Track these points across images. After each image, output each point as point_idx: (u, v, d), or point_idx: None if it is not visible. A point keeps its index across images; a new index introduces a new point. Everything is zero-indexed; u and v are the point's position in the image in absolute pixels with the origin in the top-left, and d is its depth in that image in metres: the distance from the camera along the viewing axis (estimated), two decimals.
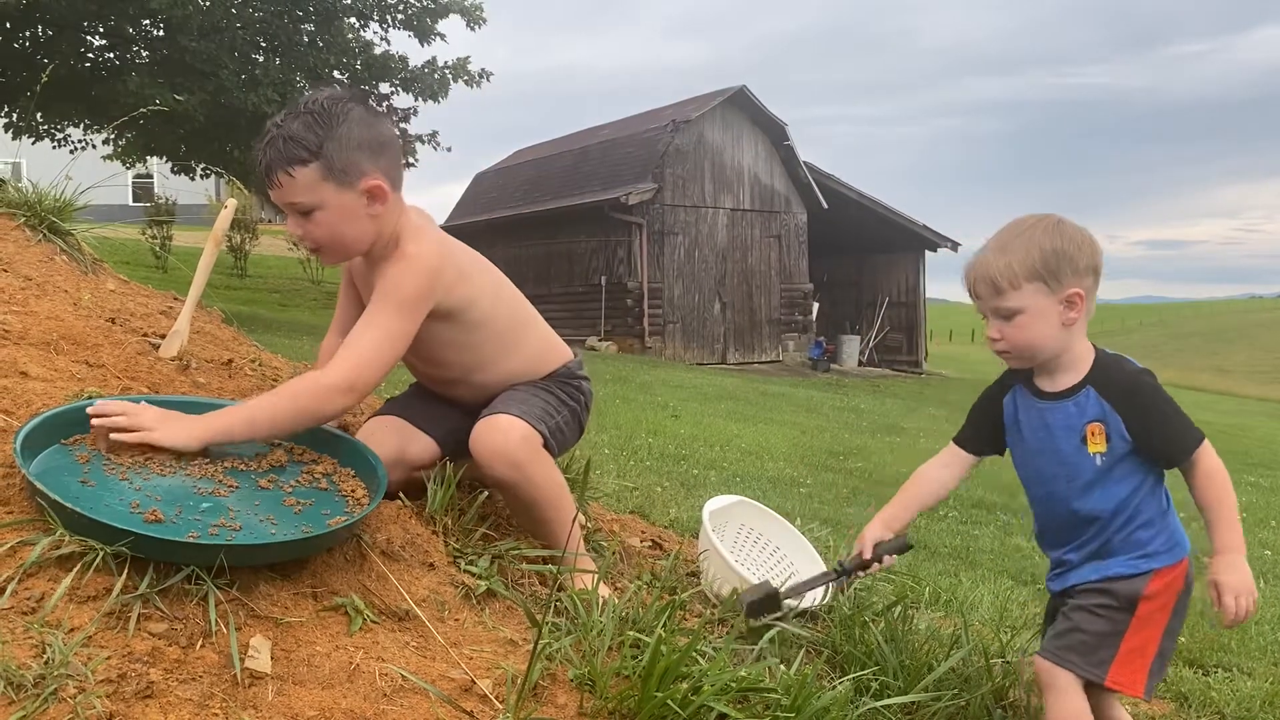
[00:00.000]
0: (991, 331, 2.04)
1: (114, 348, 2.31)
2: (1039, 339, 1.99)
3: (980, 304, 2.03)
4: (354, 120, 1.98)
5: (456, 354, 2.22)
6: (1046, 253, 1.94)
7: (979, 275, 2.00)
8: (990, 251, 2.00)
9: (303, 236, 2.03)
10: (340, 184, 1.97)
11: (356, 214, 2.02)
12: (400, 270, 2.04)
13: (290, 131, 1.94)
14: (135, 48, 16.35)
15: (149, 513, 1.58)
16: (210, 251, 2.47)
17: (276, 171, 1.96)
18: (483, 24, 17.37)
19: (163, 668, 1.39)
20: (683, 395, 13.29)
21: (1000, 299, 1.98)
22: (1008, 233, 2.00)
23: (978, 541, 6.29)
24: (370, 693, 1.51)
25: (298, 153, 1.94)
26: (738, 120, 22.94)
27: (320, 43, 16.38)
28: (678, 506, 4.97)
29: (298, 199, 1.98)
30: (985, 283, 1.99)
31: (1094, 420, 2.01)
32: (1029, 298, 1.96)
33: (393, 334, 2.00)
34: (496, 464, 2.06)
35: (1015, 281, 1.95)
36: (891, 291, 27.12)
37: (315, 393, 1.92)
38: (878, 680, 2.15)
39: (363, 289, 2.26)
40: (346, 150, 1.97)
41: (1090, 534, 2.07)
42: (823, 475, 8.18)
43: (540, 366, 2.34)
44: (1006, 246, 1.97)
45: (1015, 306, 1.97)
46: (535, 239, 23.56)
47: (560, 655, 1.75)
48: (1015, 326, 1.99)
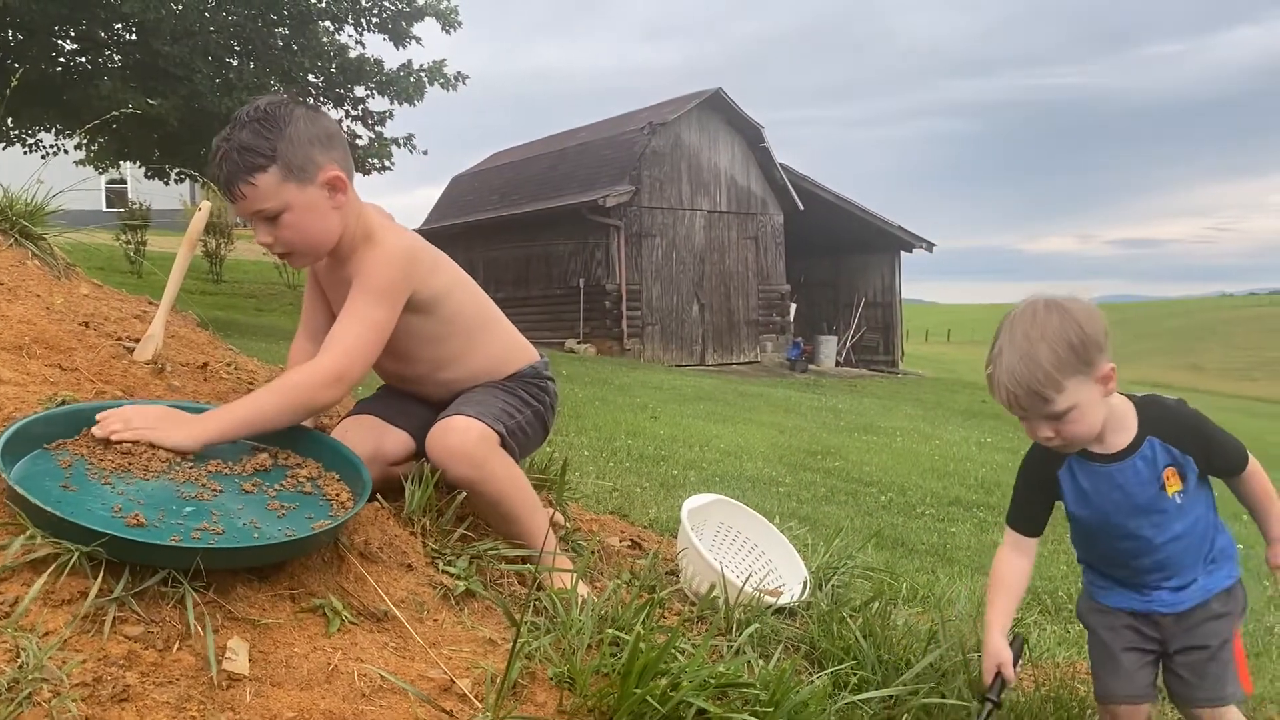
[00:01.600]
0: (1044, 431, 2.00)
1: (88, 351, 2.30)
2: (1093, 425, 2.00)
3: (1025, 413, 1.99)
4: (299, 118, 2.01)
5: (425, 348, 2.22)
6: (1074, 344, 1.92)
7: (1018, 390, 1.95)
8: (1017, 362, 1.94)
9: (273, 243, 2.05)
10: (301, 182, 2.00)
11: (321, 209, 2.04)
12: (376, 259, 2.06)
13: (241, 142, 1.96)
14: (108, 52, 16.21)
15: (131, 516, 1.57)
16: (185, 254, 2.45)
17: (237, 184, 1.97)
18: (458, 27, 17.34)
19: (139, 671, 1.39)
20: (661, 397, 13.31)
21: (1049, 406, 1.95)
22: (1021, 336, 1.96)
23: (955, 539, 6.34)
24: (349, 693, 1.51)
25: (254, 160, 1.96)
26: (714, 122, 23.00)
27: (295, 46, 16.30)
28: (657, 506, 4.98)
29: (263, 205, 1.99)
30: (1030, 396, 1.95)
31: (1168, 466, 2.05)
32: (1075, 393, 1.94)
33: (375, 322, 2.03)
34: (452, 464, 2.07)
35: (1059, 385, 1.92)
36: (868, 292, 27.27)
37: (306, 386, 1.95)
38: (856, 675, 2.17)
39: (329, 290, 2.27)
40: (300, 147, 1.99)
41: (1188, 556, 2.11)
42: (801, 474, 8.21)
43: (505, 365, 2.35)
44: (1032, 355, 1.93)
45: (1065, 405, 1.95)
46: (513, 242, 23.53)
47: (539, 654, 1.75)
48: (1070, 423, 1.97)
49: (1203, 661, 2.09)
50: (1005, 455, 11.15)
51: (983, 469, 9.74)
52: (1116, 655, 2.16)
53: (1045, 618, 4.42)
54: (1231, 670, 2.10)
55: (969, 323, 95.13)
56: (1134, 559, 2.13)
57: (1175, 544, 2.09)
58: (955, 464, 10.01)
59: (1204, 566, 2.12)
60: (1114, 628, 2.18)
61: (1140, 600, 2.15)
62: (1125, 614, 2.17)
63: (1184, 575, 2.11)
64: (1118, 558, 2.16)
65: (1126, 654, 2.15)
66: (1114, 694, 2.16)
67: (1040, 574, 5.50)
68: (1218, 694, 2.08)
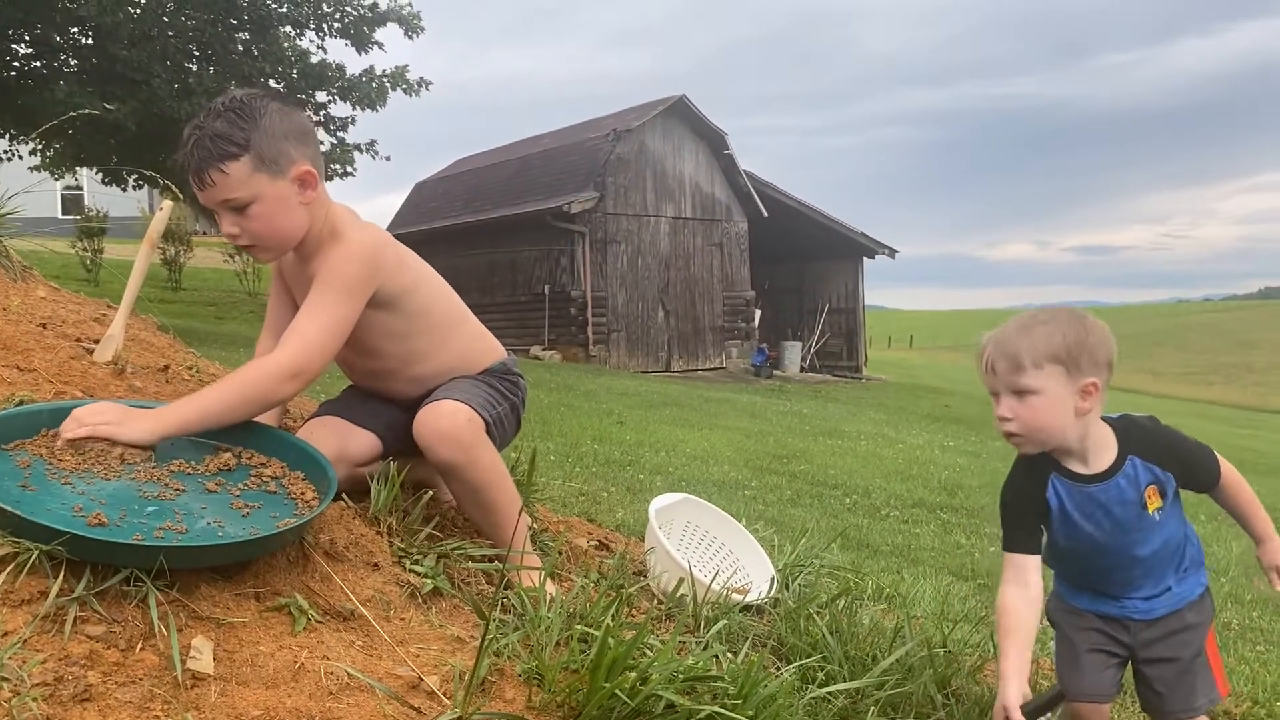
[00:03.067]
0: (1003, 410, 2.02)
1: (46, 352, 2.26)
2: (1050, 423, 2.00)
3: (994, 380, 2.02)
4: (274, 112, 2.00)
5: (394, 344, 2.21)
6: (1070, 341, 1.96)
7: (999, 350, 2.00)
8: (1012, 330, 2.01)
9: (239, 234, 2.02)
10: (272, 174, 1.98)
11: (290, 203, 2.03)
12: (341, 255, 2.05)
13: (215, 130, 1.94)
14: (63, 56, 15.96)
15: (92, 516, 1.55)
16: (145, 254, 2.42)
17: (207, 171, 1.95)
18: (421, 32, 17.27)
19: (101, 670, 1.37)
20: (627, 402, 13.31)
21: (1019, 375, 1.97)
22: (1031, 317, 2.03)
23: (919, 539, 6.39)
24: (316, 691, 1.50)
25: (227, 149, 1.94)
26: (678, 129, 23.07)
27: (255, 51, 16.14)
28: (624, 510, 4.98)
29: (232, 195, 1.97)
30: (1006, 358, 1.98)
31: (1150, 484, 2.07)
32: (1048, 379, 1.96)
33: (337, 318, 2.01)
34: (442, 446, 2.06)
35: (1038, 361, 1.95)
36: (831, 298, 27.45)
37: (263, 378, 1.93)
38: (823, 670, 2.19)
39: (294, 285, 2.25)
40: (273, 140, 1.98)
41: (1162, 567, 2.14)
42: (767, 478, 8.25)
43: (475, 361, 2.35)
44: (1030, 329, 1.99)
45: (1033, 386, 1.97)
46: (477, 248, 23.44)
47: (508, 650, 1.75)
48: (1029, 406, 1.99)
49: (1175, 674, 2.12)
50: (968, 459, 11.27)
51: (946, 472, 9.83)
52: (1081, 656, 2.17)
53: None
54: (1203, 680, 2.12)
55: (931, 328, 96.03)
56: (1112, 573, 2.15)
57: (1152, 557, 2.11)
58: (919, 467, 10.09)
59: (1176, 575, 2.15)
60: (1082, 629, 2.19)
61: (1114, 606, 2.17)
62: (1095, 616, 2.19)
63: (1158, 584, 2.14)
64: (1095, 574, 2.18)
65: (1092, 655, 2.17)
66: (1078, 692, 2.17)
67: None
68: (1188, 705, 2.11)
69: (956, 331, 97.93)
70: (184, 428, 1.87)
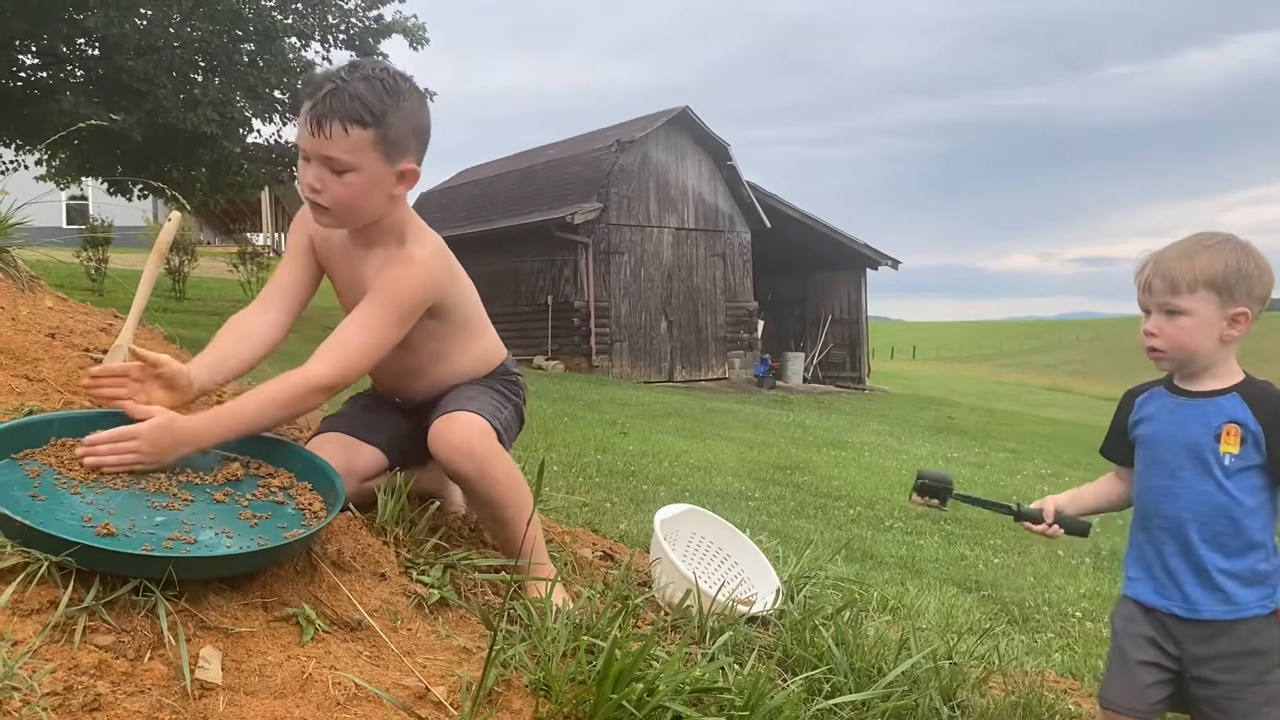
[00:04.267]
0: (1150, 326, 2.05)
1: (54, 362, 2.27)
2: (1195, 345, 2.01)
3: (1148, 298, 2.05)
4: (414, 100, 1.99)
5: (429, 343, 2.22)
6: (1231, 269, 1.97)
7: (1158, 270, 2.02)
8: (1174, 251, 2.02)
9: (321, 190, 1.98)
10: (386, 157, 1.96)
11: (383, 188, 2.01)
12: (407, 277, 2.04)
13: (357, 90, 1.90)
14: (70, 67, 16.03)
15: (101, 526, 1.56)
16: (153, 265, 2.43)
17: (332, 122, 1.90)
18: (425, 44, 17.32)
19: (110, 680, 1.37)
20: (630, 413, 13.31)
21: (1174, 296, 2.00)
22: (1195, 241, 2.04)
23: (923, 551, 6.39)
24: (324, 701, 1.50)
25: (362, 114, 1.91)
26: (681, 140, 23.12)
27: (260, 62, 16.18)
28: (628, 520, 4.98)
29: (341, 155, 1.93)
30: (1163, 278, 2.01)
31: (1232, 421, 2.01)
32: (1200, 303, 1.98)
33: (386, 339, 2.02)
34: (459, 460, 2.06)
35: (1194, 285, 1.97)
36: (834, 309, 27.46)
37: (300, 392, 1.93)
38: (829, 682, 2.18)
39: (338, 261, 2.22)
40: (404, 127, 1.97)
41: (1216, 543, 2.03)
42: (770, 489, 8.24)
43: (488, 361, 2.38)
44: (1193, 253, 2.00)
45: (1185, 308, 1.99)
46: (481, 259, 23.45)
47: (515, 661, 1.75)
48: (1177, 326, 2.01)
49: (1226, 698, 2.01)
50: (971, 470, 11.26)
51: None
52: (1130, 665, 2.11)
53: (1013, 627, 4.46)
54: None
55: (934, 340, 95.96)
56: (1167, 506, 2.07)
57: (1207, 511, 2.02)
58: None
59: (1234, 573, 2.01)
60: (1134, 636, 2.13)
61: (1159, 597, 2.08)
62: (1145, 620, 2.10)
63: (1210, 570, 2.03)
64: (1155, 504, 2.11)
65: (1142, 667, 2.09)
66: (1117, 703, 2.11)
67: (1007, 584, 5.56)
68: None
69: (959, 342, 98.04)
70: (220, 442, 1.90)
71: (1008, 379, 54.02)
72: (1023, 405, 29.12)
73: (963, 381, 43.80)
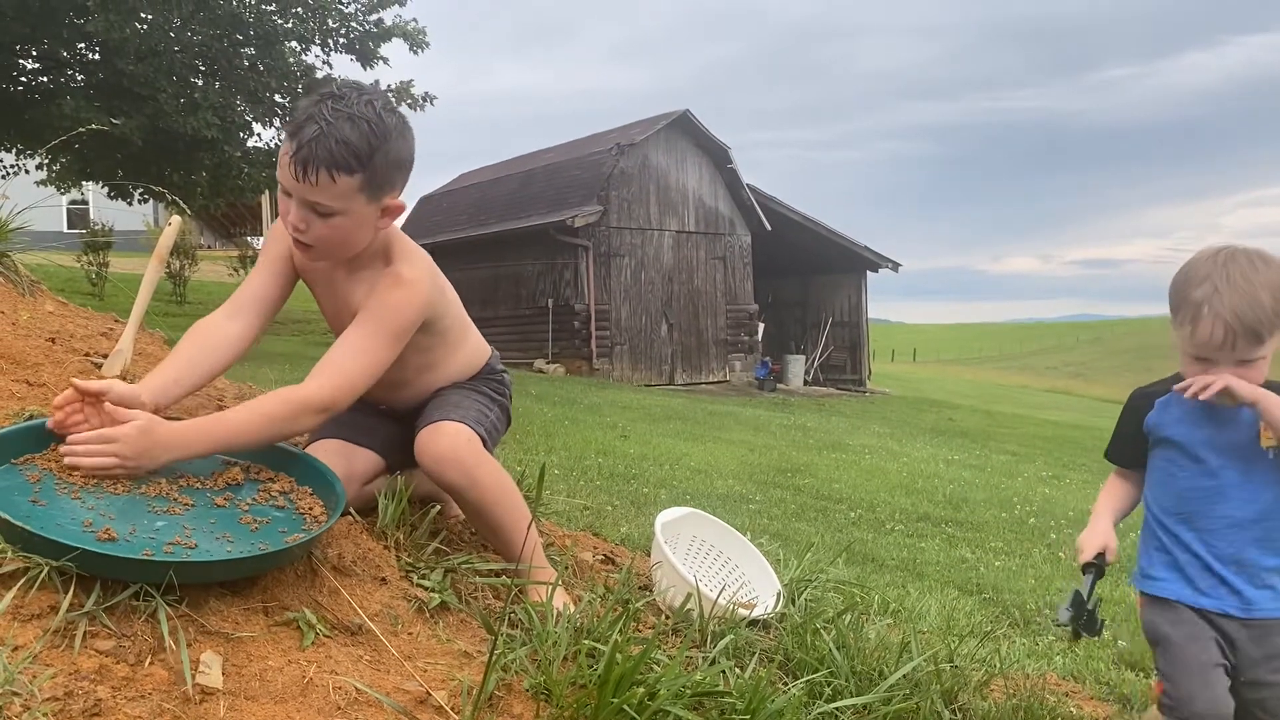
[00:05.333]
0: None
1: (55, 367, 2.27)
2: (1262, 379, 1.98)
3: (1229, 354, 1.95)
4: (396, 133, 1.93)
5: (416, 355, 2.21)
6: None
7: (1239, 327, 1.91)
8: (1243, 301, 1.91)
9: (305, 230, 1.95)
10: (370, 198, 1.94)
11: (368, 225, 1.99)
12: (400, 298, 2.02)
13: (344, 135, 1.85)
14: (70, 71, 16.06)
15: (102, 531, 1.56)
16: (154, 269, 2.44)
17: (319, 170, 1.85)
18: (426, 48, 17.35)
19: (110, 685, 1.37)
20: (631, 416, 13.30)
21: (1258, 348, 1.94)
22: (1241, 278, 1.93)
23: (924, 554, 6.38)
24: (324, 706, 1.50)
25: (348, 161, 1.86)
26: (681, 143, 23.14)
27: (261, 66, 16.22)
28: (629, 524, 4.98)
29: (326, 201, 1.90)
30: (1248, 334, 1.92)
31: None
32: (1273, 344, 1.95)
33: (381, 360, 2.00)
34: (446, 470, 2.05)
35: (1274, 329, 1.93)
36: (835, 312, 27.47)
37: (293, 412, 1.90)
38: (830, 685, 2.18)
39: (321, 280, 2.20)
40: (389, 168, 1.93)
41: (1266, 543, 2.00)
42: (771, 492, 8.24)
43: (473, 365, 2.37)
44: (1256, 297, 1.91)
45: (1265, 354, 1.95)
46: (481, 262, 23.50)
47: (516, 665, 1.75)
48: (1254, 370, 1.96)
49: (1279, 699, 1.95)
50: (972, 472, 11.25)
51: (950, 485, 9.81)
52: (1208, 671, 1.97)
53: (1015, 630, 4.46)
54: None
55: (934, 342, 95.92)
56: (1216, 507, 2.02)
57: (1258, 509, 1.99)
58: (923, 481, 10.08)
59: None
60: (1202, 640, 2.01)
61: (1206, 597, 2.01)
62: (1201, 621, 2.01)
63: (1260, 567, 1.99)
64: (1201, 506, 2.04)
65: (1217, 672, 1.98)
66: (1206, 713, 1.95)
67: (1008, 587, 5.55)
68: None
69: (959, 345, 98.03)
70: (207, 454, 1.86)
71: (1008, 381, 54.02)
72: (1023, 407, 29.12)
73: (963, 384, 43.81)
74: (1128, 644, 4.16)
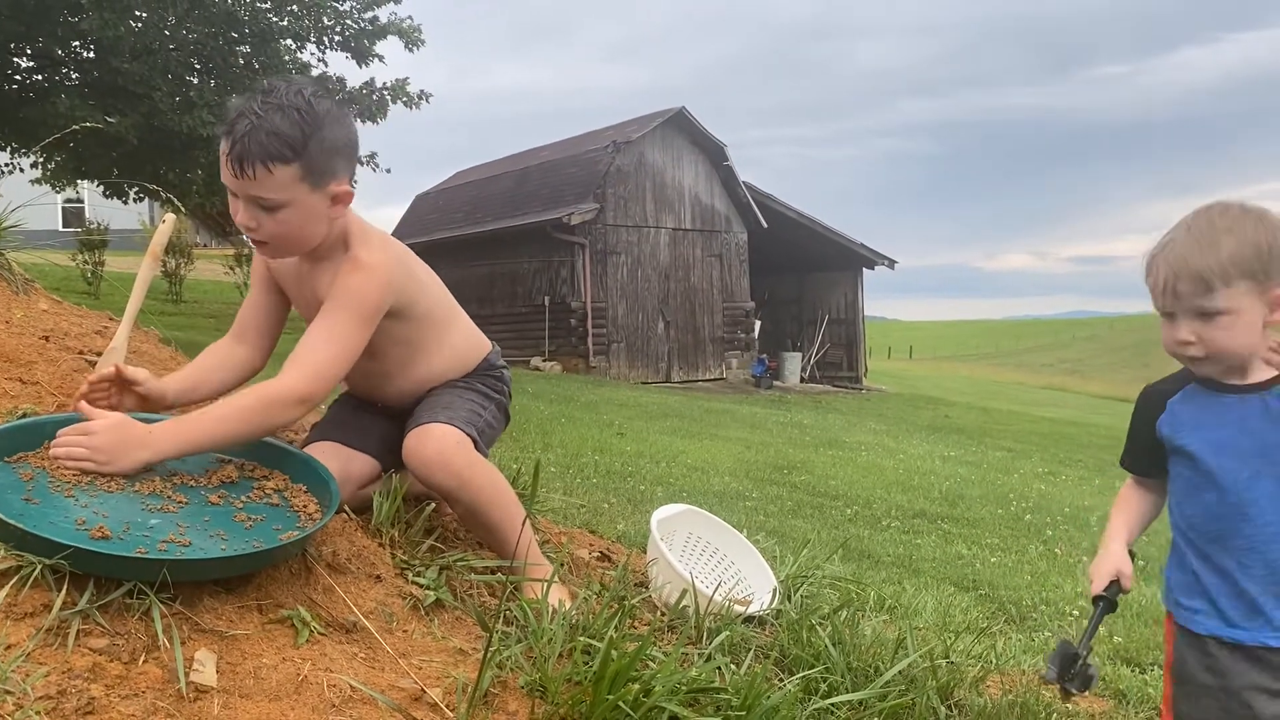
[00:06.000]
0: (1183, 334, 1.77)
1: (49, 365, 2.27)
2: (1241, 342, 1.75)
3: (1175, 303, 1.77)
4: (332, 120, 1.94)
5: (396, 348, 2.20)
6: (1261, 248, 1.71)
7: (1181, 271, 1.74)
8: (1192, 245, 1.74)
9: (256, 229, 1.97)
10: (313, 186, 1.94)
11: (319, 215, 1.99)
12: (360, 281, 2.01)
13: (274, 126, 1.86)
14: (65, 69, 16.02)
15: (95, 529, 1.55)
16: (148, 266, 2.43)
17: (254, 163, 1.87)
18: (421, 45, 17.33)
19: (104, 683, 1.37)
20: (628, 413, 13.30)
21: (1208, 298, 1.73)
22: (1209, 225, 1.76)
23: (920, 550, 6.39)
24: (319, 704, 1.50)
25: (281, 151, 1.87)
26: (677, 141, 23.13)
27: (256, 64, 16.20)
28: (625, 521, 4.98)
29: (268, 195, 1.91)
30: (1192, 280, 1.73)
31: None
32: (1239, 297, 1.72)
33: (353, 343, 1.99)
34: (434, 474, 2.05)
35: (1228, 279, 1.71)
36: (831, 309, 27.48)
37: (272, 403, 1.89)
38: (826, 681, 2.18)
39: (294, 287, 2.22)
40: (326, 153, 1.93)
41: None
42: (768, 489, 8.24)
43: (466, 360, 2.35)
44: (1213, 240, 1.73)
45: (1223, 307, 1.73)
46: (478, 260, 23.47)
47: (511, 662, 1.75)
48: (1218, 328, 1.74)
49: None
50: (968, 469, 11.26)
51: (946, 482, 9.82)
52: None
53: (1010, 626, 4.47)
54: None
55: (930, 339, 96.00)
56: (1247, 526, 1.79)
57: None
58: (919, 478, 10.08)
59: None
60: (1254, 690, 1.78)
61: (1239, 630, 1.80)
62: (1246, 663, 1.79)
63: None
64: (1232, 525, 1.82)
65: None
66: None
67: (1004, 583, 5.56)
68: None
69: (956, 342, 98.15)
70: (181, 454, 1.84)
71: (1004, 378, 54.08)
72: (1019, 404, 29.15)
73: (959, 381, 43.85)
74: (1123, 639, 4.17)
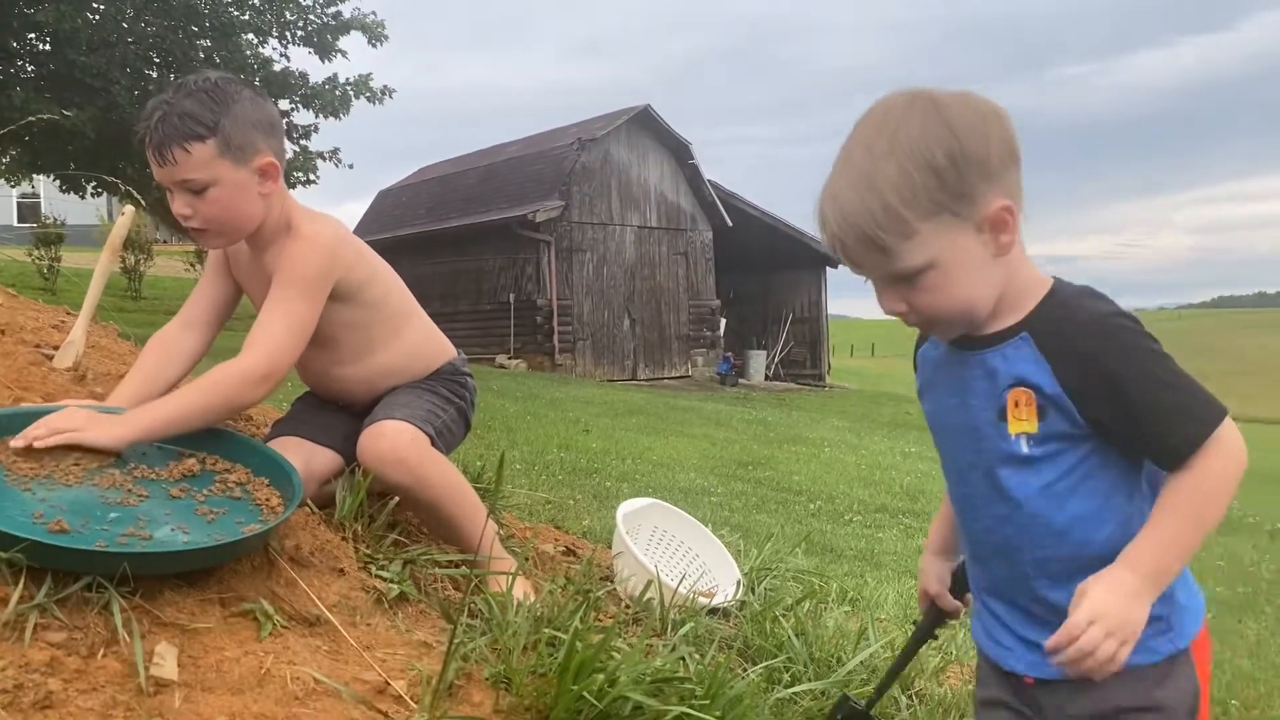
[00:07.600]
0: (892, 304, 1.32)
1: (4, 359, 2.23)
2: (967, 294, 1.28)
3: (859, 268, 1.32)
4: (246, 99, 1.99)
5: (350, 334, 2.20)
6: (938, 165, 1.22)
7: (845, 234, 1.26)
8: (848, 187, 1.26)
9: (191, 215, 1.99)
10: (236, 161, 1.96)
11: (249, 192, 2.00)
12: (301, 250, 2.03)
13: (185, 108, 1.91)
14: (20, 62, 15.73)
15: (53, 523, 1.54)
16: (106, 259, 2.40)
17: (171, 147, 1.91)
18: (385, 41, 17.21)
19: (62, 678, 1.35)
20: (593, 411, 13.30)
21: (893, 261, 1.26)
22: (862, 149, 1.26)
23: (882, 544, 6.46)
24: (282, 696, 1.49)
25: (195, 129, 1.91)
26: (643, 139, 23.14)
27: (217, 59, 16.00)
28: (590, 517, 4.98)
29: (192, 175, 1.94)
30: (861, 243, 1.25)
31: (1018, 384, 1.29)
32: (934, 243, 1.24)
33: (303, 316, 2.01)
34: (387, 470, 2.05)
35: (907, 229, 1.23)
36: (795, 307, 27.63)
37: (234, 383, 1.91)
38: (789, 671, 2.20)
39: (246, 279, 2.23)
40: (242, 127, 1.96)
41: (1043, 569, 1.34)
42: (732, 484, 8.29)
43: (425, 358, 2.34)
44: (870, 176, 1.23)
45: (919, 265, 1.25)
46: (442, 257, 23.34)
47: (475, 655, 1.75)
48: (925, 289, 1.27)
49: None
50: (929, 464, 11.37)
51: (908, 477, 9.92)
52: None
53: (969, 618, 4.52)
54: None
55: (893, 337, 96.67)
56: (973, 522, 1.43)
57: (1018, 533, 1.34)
58: (881, 473, 10.18)
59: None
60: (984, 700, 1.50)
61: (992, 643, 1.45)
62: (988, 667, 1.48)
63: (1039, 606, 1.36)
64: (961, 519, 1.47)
65: None
66: None
67: None
68: None
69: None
70: (152, 434, 1.84)
71: None
72: None
73: None
74: None
